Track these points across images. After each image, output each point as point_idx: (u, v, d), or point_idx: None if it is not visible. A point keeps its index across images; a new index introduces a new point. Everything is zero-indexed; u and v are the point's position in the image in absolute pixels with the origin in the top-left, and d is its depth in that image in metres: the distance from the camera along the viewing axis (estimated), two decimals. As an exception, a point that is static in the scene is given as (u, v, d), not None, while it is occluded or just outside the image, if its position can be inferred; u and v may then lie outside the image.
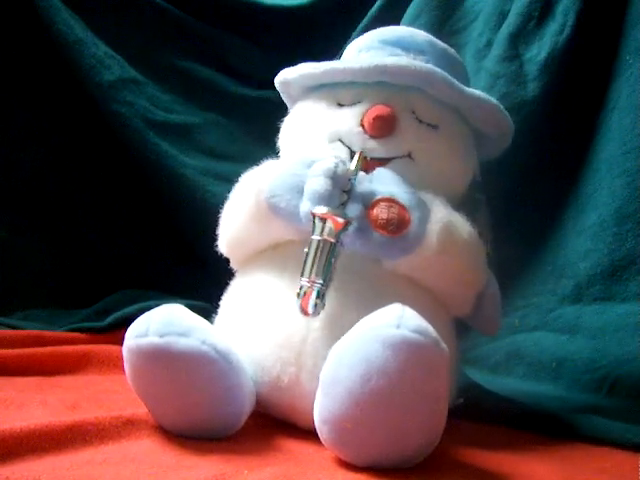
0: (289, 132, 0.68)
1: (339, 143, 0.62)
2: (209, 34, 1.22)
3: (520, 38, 0.93)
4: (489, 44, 0.97)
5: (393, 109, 0.60)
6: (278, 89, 0.73)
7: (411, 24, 1.04)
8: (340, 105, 0.63)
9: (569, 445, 0.60)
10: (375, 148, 0.60)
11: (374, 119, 0.60)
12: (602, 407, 0.68)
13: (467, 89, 0.63)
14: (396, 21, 1.07)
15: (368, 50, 0.68)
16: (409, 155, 0.61)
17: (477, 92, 0.65)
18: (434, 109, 0.63)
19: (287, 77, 0.69)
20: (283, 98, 0.74)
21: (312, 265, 0.51)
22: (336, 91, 0.64)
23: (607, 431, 0.61)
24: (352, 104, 0.63)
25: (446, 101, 0.63)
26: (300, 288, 0.51)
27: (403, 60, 0.62)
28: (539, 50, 0.91)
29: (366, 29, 0.84)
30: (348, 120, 0.62)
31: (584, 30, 0.88)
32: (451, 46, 0.70)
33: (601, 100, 0.86)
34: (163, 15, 1.18)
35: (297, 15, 1.25)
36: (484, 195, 0.68)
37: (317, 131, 0.63)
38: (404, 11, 1.08)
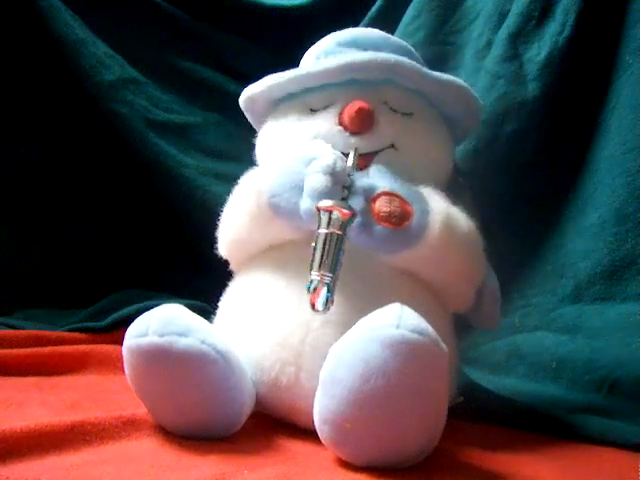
0: (266, 147, 0.68)
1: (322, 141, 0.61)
2: (209, 34, 1.22)
3: (520, 38, 0.93)
4: (489, 44, 0.96)
5: (369, 103, 0.60)
6: (243, 108, 0.72)
7: (411, 24, 1.04)
8: (313, 111, 0.63)
9: (569, 445, 0.60)
10: (359, 144, 0.60)
11: (356, 112, 0.59)
12: (602, 407, 0.68)
13: (435, 74, 0.64)
14: (396, 21, 1.07)
15: (327, 55, 0.67)
16: (392, 146, 0.61)
17: (444, 75, 0.65)
18: (405, 98, 0.63)
19: (253, 92, 0.69)
20: (248, 118, 0.73)
21: (321, 259, 0.51)
22: (305, 98, 0.64)
23: (607, 431, 0.61)
24: (325, 107, 0.63)
25: (415, 88, 0.63)
26: (310, 282, 0.50)
27: (368, 54, 0.62)
28: (539, 50, 0.91)
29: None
30: (325, 122, 0.62)
31: (584, 30, 0.88)
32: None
33: (601, 100, 0.86)
34: (163, 15, 1.18)
35: (297, 15, 1.25)
36: (466, 179, 0.68)
37: (296, 140, 0.63)
38: (404, 11, 1.08)
